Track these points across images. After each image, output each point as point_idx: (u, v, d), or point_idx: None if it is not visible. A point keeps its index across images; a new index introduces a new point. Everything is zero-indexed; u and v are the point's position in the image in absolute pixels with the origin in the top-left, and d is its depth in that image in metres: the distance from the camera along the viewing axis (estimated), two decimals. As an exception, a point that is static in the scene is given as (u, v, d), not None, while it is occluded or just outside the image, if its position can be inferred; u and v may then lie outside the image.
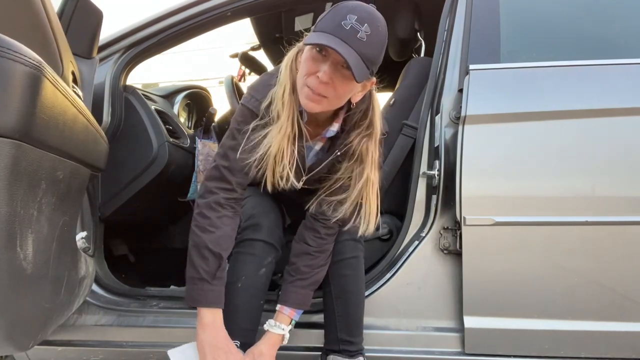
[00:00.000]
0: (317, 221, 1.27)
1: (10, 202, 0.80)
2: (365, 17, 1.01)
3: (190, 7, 1.65)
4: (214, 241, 1.17)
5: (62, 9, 1.31)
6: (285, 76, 1.14)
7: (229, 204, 1.21)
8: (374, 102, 1.20)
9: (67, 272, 1.16)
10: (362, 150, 1.19)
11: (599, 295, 1.31)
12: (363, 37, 1.00)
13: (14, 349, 0.95)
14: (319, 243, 1.27)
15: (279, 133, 1.13)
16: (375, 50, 1.04)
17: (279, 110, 1.14)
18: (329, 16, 1.03)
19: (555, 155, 1.31)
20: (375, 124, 1.19)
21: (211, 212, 1.19)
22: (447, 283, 1.40)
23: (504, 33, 1.46)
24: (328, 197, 1.24)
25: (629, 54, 1.39)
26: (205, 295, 1.17)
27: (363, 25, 1.00)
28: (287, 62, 1.15)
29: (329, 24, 1.02)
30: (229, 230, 1.21)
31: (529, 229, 1.31)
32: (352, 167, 1.21)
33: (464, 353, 1.37)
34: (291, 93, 1.13)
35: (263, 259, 1.28)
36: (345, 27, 0.99)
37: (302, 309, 1.28)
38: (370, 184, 1.21)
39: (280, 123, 1.14)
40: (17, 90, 0.77)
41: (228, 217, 1.21)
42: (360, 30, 1.00)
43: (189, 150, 1.96)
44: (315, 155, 1.29)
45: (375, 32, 1.02)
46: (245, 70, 2.94)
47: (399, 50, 1.99)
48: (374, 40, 1.02)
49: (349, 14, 1.00)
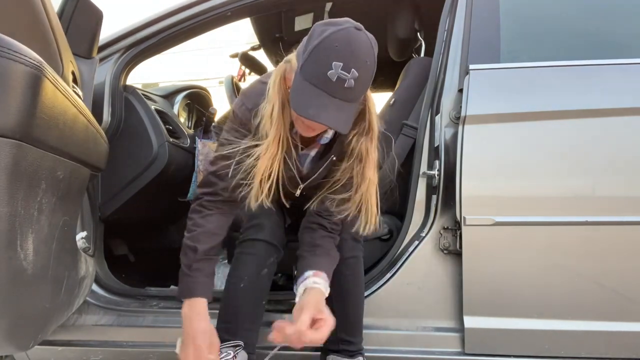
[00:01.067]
0: (322, 217, 1.26)
1: (10, 202, 0.80)
2: (350, 61, 0.95)
3: (190, 7, 1.65)
4: (192, 237, 1.21)
5: (62, 9, 1.31)
6: (273, 94, 1.12)
7: (212, 205, 1.24)
8: (369, 103, 1.17)
9: (67, 272, 1.16)
10: (362, 149, 1.18)
11: (599, 295, 1.31)
12: (351, 84, 0.96)
13: (14, 349, 0.95)
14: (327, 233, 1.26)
15: (266, 153, 1.12)
16: (365, 86, 1.01)
17: (267, 129, 1.13)
18: (314, 60, 0.97)
19: (555, 155, 1.31)
20: (373, 124, 1.18)
21: (195, 214, 1.25)
22: (447, 283, 1.40)
23: (504, 33, 1.46)
24: (331, 195, 1.23)
25: (629, 54, 1.38)
26: (186, 286, 1.20)
27: (350, 71, 0.95)
28: (275, 80, 1.12)
29: (314, 73, 0.97)
30: (211, 228, 1.23)
31: (529, 229, 1.31)
32: (352, 167, 1.20)
33: (464, 353, 1.37)
34: (280, 111, 1.11)
35: (265, 259, 1.28)
36: (332, 78, 0.95)
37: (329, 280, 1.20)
38: (371, 183, 1.20)
39: (267, 143, 1.12)
40: (17, 90, 0.77)
41: (211, 216, 1.23)
42: (348, 79, 0.95)
43: (189, 150, 1.96)
44: (310, 162, 1.28)
45: (363, 71, 0.97)
46: (245, 70, 2.94)
47: (399, 50, 1.99)
48: (364, 78, 0.98)
49: (335, 61, 0.95)
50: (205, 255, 1.21)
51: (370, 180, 1.19)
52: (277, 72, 1.13)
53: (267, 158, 1.13)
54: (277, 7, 1.78)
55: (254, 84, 1.28)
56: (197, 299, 1.18)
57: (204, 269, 1.21)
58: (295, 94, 1.01)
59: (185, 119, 2.49)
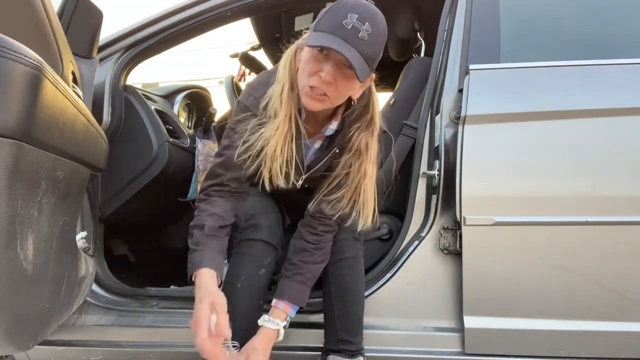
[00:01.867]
0: (314, 218, 1.27)
1: (10, 202, 0.80)
2: (366, 15, 1.00)
3: (190, 7, 1.65)
4: (198, 219, 1.20)
5: (62, 9, 1.31)
6: (283, 74, 1.14)
7: (218, 195, 1.23)
8: (374, 98, 1.20)
9: (67, 272, 1.16)
10: (361, 144, 1.19)
11: (599, 295, 1.31)
12: (364, 36, 1.00)
13: (14, 349, 0.95)
14: (315, 239, 1.26)
15: (277, 131, 1.13)
16: (376, 48, 1.04)
17: (276, 108, 1.14)
18: (329, 15, 1.03)
19: (555, 155, 1.31)
20: (376, 119, 1.20)
21: (201, 203, 1.23)
22: (447, 283, 1.39)
23: (504, 33, 1.46)
24: (327, 197, 1.24)
25: (629, 54, 1.38)
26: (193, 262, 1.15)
27: (364, 24, 0.99)
28: (286, 60, 1.15)
29: (330, 23, 1.01)
30: (217, 211, 1.20)
31: (529, 229, 1.31)
32: (351, 161, 1.21)
33: (464, 353, 1.37)
34: (290, 91, 1.13)
35: (263, 259, 1.28)
36: (347, 26, 0.99)
37: (297, 304, 1.26)
38: (368, 178, 1.20)
39: (278, 121, 1.13)
40: (17, 90, 0.77)
41: (217, 201, 1.22)
42: (362, 30, 0.99)
43: (189, 150, 1.96)
44: (314, 153, 1.29)
45: (376, 30, 1.01)
46: (245, 70, 2.94)
47: (399, 50, 1.99)
48: (375, 39, 1.02)
49: (350, 12, 1.00)
50: (212, 232, 1.18)
51: (368, 174, 1.20)
52: (288, 53, 1.16)
53: (278, 137, 1.13)
54: (277, 7, 1.79)
55: (260, 75, 1.29)
56: (204, 271, 1.12)
57: (212, 244, 1.17)
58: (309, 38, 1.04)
59: (185, 119, 2.49)
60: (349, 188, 1.22)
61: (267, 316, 1.25)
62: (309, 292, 1.28)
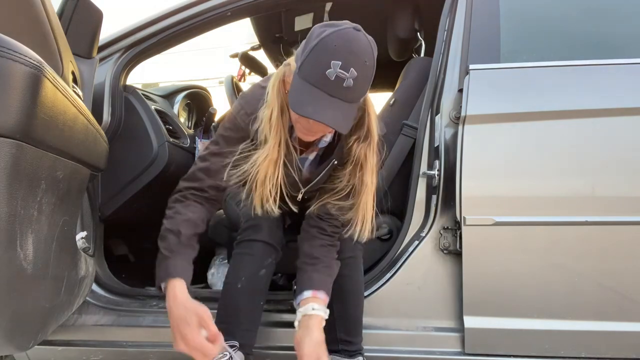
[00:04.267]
0: (322, 220, 1.26)
1: (10, 202, 0.80)
2: (350, 59, 0.94)
3: (190, 7, 1.65)
4: (174, 223, 1.16)
5: (62, 9, 1.31)
6: (272, 98, 1.11)
7: (195, 199, 1.21)
8: (369, 108, 1.16)
9: (67, 272, 1.16)
10: (360, 156, 1.17)
11: (599, 295, 1.31)
12: (350, 84, 0.95)
13: (14, 348, 0.95)
14: (327, 239, 1.26)
15: (267, 158, 1.12)
16: (364, 86, 1.00)
17: (266, 134, 1.12)
18: (312, 60, 0.97)
19: (555, 155, 1.31)
20: (372, 130, 1.17)
21: (176, 203, 1.20)
22: (447, 283, 1.39)
23: (504, 33, 1.46)
24: (334, 201, 1.22)
25: (629, 54, 1.38)
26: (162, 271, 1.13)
27: (349, 70, 0.94)
28: (274, 84, 1.11)
29: (313, 72, 0.97)
30: (193, 217, 1.18)
31: (529, 229, 1.31)
32: (353, 173, 1.20)
33: (464, 353, 1.37)
34: (279, 116, 1.11)
35: (263, 259, 1.27)
36: (330, 77, 0.94)
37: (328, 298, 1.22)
38: (369, 190, 1.20)
39: (267, 148, 1.12)
40: (17, 90, 0.77)
41: (194, 206, 1.20)
42: (347, 78, 0.95)
43: (189, 150, 1.96)
44: (309, 165, 1.28)
45: (362, 71, 0.96)
46: (245, 70, 2.94)
47: (399, 50, 1.99)
48: (363, 78, 0.98)
49: (333, 60, 0.94)
50: (189, 241, 1.16)
51: (367, 186, 1.19)
52: (276, 76, 1.13)
53: (268, 164, 1.12)
54: (277, 7, 1.78)
55: (253, 88, 1.26)
56: (177, 281, 1.11)
57: (186, 254, 1.15)
58: (294, 93, 1.01)
59: (185, 119, 2.49)
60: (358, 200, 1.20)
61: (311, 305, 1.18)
62: None
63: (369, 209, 1.21)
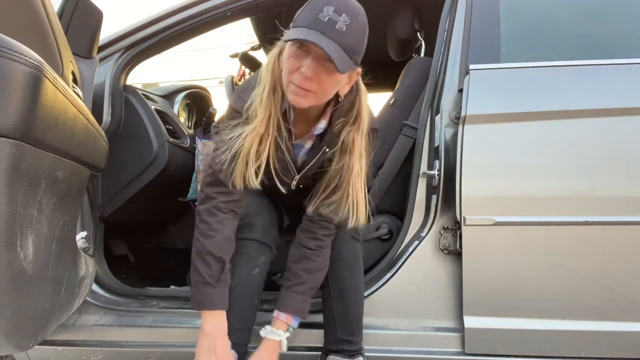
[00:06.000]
0: (314, 222, 1.26)
1: (10, 202, 0.80)
2: (342, 7, 0.99)
3: (190, 7, 1.65)
4: (214, 245, 1.18)
5: (62, 9, 1.31)
6: (265, 76, 1.13)
7: (227, 207, 1.21)
8: (361, 94, 1.18)
9: (67, 272, 1.16)
10: (348, 139, 1.17)
11: (599, 295, 1.31)
12: (342, 27, 0.99)
13: (14, 349, 0.95)
14: (316, 244, 1.26)
15: (252, 132, 1.12)
16: (356, 39, 1.02)
17: (255, 108, 1.13)
18: (306, 10, 1.02)
19: (555, 155, 1.31)
20: (362, 114, 1.17)
21: (210, 217, 1.19)
22: (447, 283, 1.39)
23: (504, 33, 1.46)
24: (325, 201, 1.22)
25: (629, 54, 1.38)
26: (210, 299, 1.17)
27: (341, 15, 0.99)
28: (269, 62, 1.14)
29: (306, 18, 1.01)
30: (229, 233, 1.21)
31: (529, 229, 1.31)
32: (343, 159, 1.19)
33: (464, 353, 1.37)
34: (270, 93, 1.12)
35: (256, 258, 1.27)
36: (323, 19, 0.98)
37: (299, 315, 1.27)
38: (356, 174, 1.19)
39: (255, 123, 1.12)
40: (17, 90, 0.77)
41: (228, 220, 1.21)
42: (339, 21, 0.98)
43: (189, 150, 1.96)
44: (305, 153, 1.28)
45: (354, 21, 1.00)
46: (245, 70, 2.94)
47: (399, 50, 1.99)
48: (354, 29, 1.01)
49: (326, 5, 0.99)
50: (228, 265, 1.20)
51: (356, 171, 1.18)
52: (271, 55, 1.15)
53: (254, 137, 1.12)
54: (277, 7, 1.79)
55: (248, 79, 1.29)
56: (219, 312, 1.17)
57: (227, 280, 1.20)
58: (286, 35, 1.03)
59: (185, 119, 2.49)
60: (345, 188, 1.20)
61: (269, 327, 1.25)
62: (310, 303, 1.28)
63: (360, 194, 1.20)
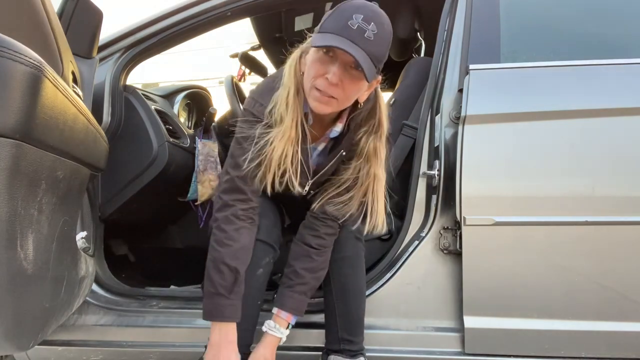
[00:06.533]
0: (317, 220, 1.26)
1: (10, 202, 0.80)
2: (371, 15, 1.01)
3: (190, 7, 1.65)
4: (231, 255, 1.16)
5: (62, 9, 1.31)
6: (289, 79, 1.13)
7: (246, 215, 1.20)
8: (380, 101, 1.19)
9: (67, 272, 1.16)
10: (369, 149, 1.18)
11: (599, 295, 1.31)
12: (370, 36, 1.00)
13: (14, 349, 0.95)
14: (318, 243, 1.26)
15: (283, 137, 1.12)
16: (382, 48, 1.04)
17: (282, 113, 1.13)
18: (335, 16, 1.03)
19: (555, 155, 1.31)
20: (383, 122, 1.19)
21: (228, 225, 1.17)
22: (447, 283, 1.39)
23: (504, 33, 1.46)
24: (333, 199, 1.23)
25: (629, 54, 1.38)
26: (220, 310, 1.16)
27: (370, 24, 1.00)
28: (291, 64, 1.14)
29: (335, 24, 1.01)
30: (247, 243, 1.19)
31: (529, 229, 1.31)
32: (360, 167, 1.20)
33: (464, 353, 1.37)
34: (295, 95, 1.12)
35: (260, 259, 1.27)
36: (352, 27, 0.99)
37: (297, 315, 1.27)
38: (378, 181, 1.20)
39: (284, 127, 1.12)
40: (17, 90, 0.77)
41: (246, 229, 1.19)
42: (368, 30, 0.99)
43: (189, 150, 1.96)
44: (317, 156, 1.28)
45: (381, 31, 1.01)
46: (245, 70, 2.94)
47: (399, 50, 1.99)
48: (381, 39, 1.02)
49: (355, 13, 1.00)
50: (242, 277, 1.18)
51: (378, 178, 1.19)
52: (293, 57, 1.15)
53: (286, 142, 1.12)
54: (277, 7, 1.79)
55: (263, 82, 1.27)
56: (230, 324, 1.16)
57: (240, 292, 1.18)
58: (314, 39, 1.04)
59: (185, 119, 2.49)
60: (357, 191, 1.21)
61: (272, 322, 1.25)
62: (307, 302, 1.29)
63: (381, 202, 1.21)
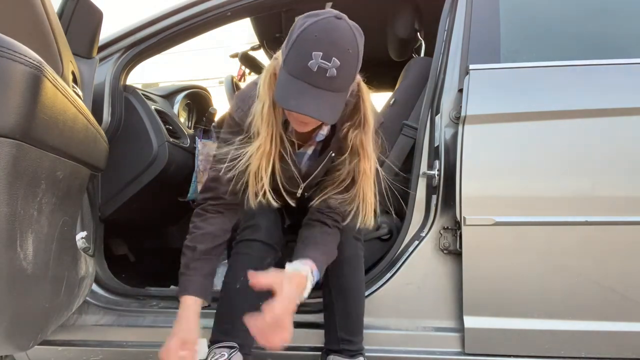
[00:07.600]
0: (322, 214, 1.25)
1: (10, 202, 0.80)
2: (330, 50, 0.94)
3: (190, 7, 1.65)
4: (192, 239, 1.22)
5: (62, 9, 1.31)
6: (264, 92, 1.12)
7: (215, 209, 1.24)
8: (364, 95, 1.16)
9: (67, 272, 1.16)
10: (356, 142, 1.17)
11: (599, 295, 1.31)
12: (333, 73, 0.95)
13: (14, 348, 0.96)
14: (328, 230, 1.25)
15: (259, 151, 1.12)
16: (350, 74, 1.00)
17: (258, 126, 1.12)
18: (294, 53, 0.97)
19: (555, 155, 1.31)
20: (368, 117, 1.16)
21: (196, 218, 1.25)
22: (447, 283, 1.40)
23: (504, 33, 1.46)
24: (337, 195, 1.22)
25: (629, 54, 1.38)
26: (184, 285, 1.19)
27: (331, 60, 0.94)
28: (265, 78, 1.12)
29: (295, 65, 0.97)
30: (212, 230, 1.23)
31: (529, 229, 1.31)
32: (351, 161, 1.19)
33: (464, 353, 1.37)
34: (271, 108, 1.11)
35: (261, 259, 1.27)
36: (312, 68, 0.95)
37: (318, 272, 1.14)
38: (366, 176, 1.19)
39: (259, 141, 1.12)
40: (17, 90, 0.77)
41: (213, 218, 1.24)
42: (329, 68, 0.95)
43: (189, 150, 1.96)
44: (308, 159, 1.28)
45: (345, 59, 0.96)
46: (245, 70, 2.94)
47: (399, 50, 1.99)
48: (346, 66, 0.97)
49: (314, 51, 0.94)
50: (204, 255, 1.21)
51: (365, 173, 1.18)
52: (267, 70, 1.14)
53: (260, 156, 1.12)
54: (277, 7, 1.78)
55: (247, 86, 1.27)
56: (188, 297, 1.17)
57: (201, 268, 1.20)
58: (279, 87, 1.02)
59: (185, 119, 2.49)
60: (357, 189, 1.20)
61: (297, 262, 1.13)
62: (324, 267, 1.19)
63: (370, 195, 1.20)
